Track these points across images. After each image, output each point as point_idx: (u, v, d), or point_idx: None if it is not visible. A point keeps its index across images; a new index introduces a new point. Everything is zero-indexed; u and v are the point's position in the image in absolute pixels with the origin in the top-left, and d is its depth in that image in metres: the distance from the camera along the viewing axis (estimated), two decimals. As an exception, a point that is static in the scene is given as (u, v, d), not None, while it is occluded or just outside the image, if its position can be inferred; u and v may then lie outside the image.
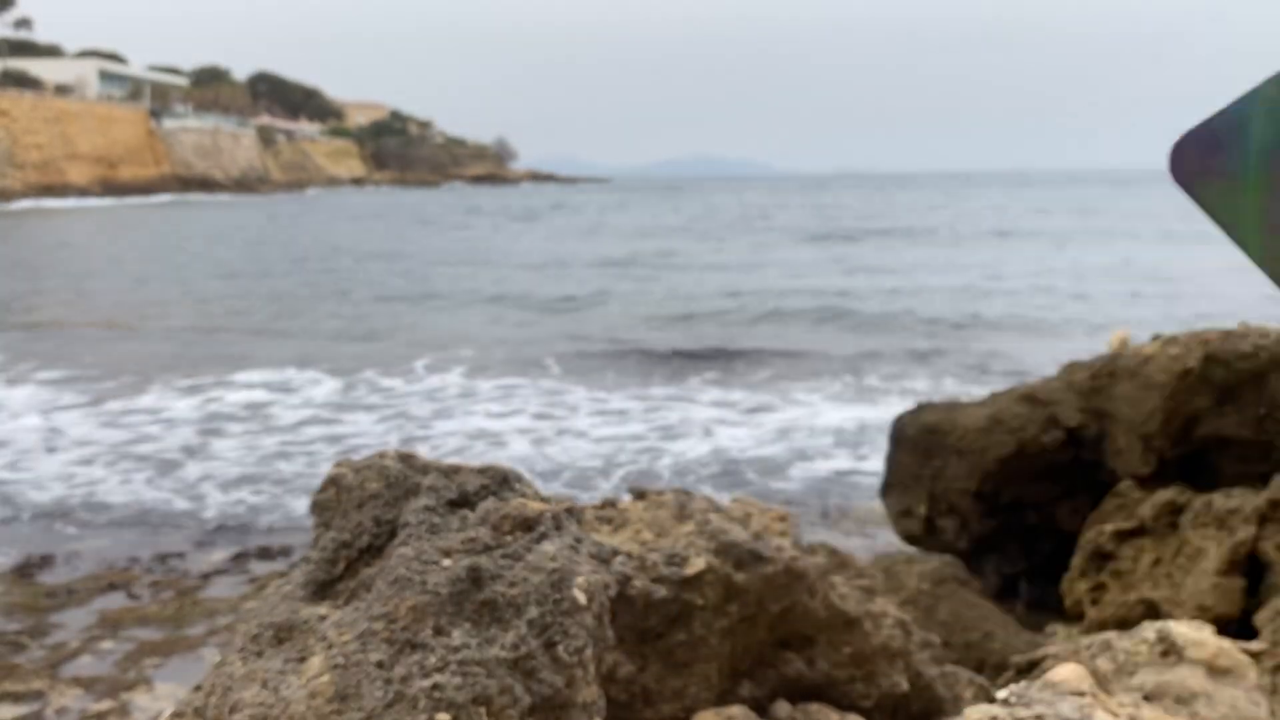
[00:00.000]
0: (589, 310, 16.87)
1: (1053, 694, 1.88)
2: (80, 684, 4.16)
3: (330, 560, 2.14)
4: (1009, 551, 4.83)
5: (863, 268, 22.91)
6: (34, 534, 6.13)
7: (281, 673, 1.93)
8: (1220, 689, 2.01)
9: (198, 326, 15.27)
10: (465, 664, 1.81)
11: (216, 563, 5.69)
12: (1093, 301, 16.91)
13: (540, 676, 1.82)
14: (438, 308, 17.46)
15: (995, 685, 2.38)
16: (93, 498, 6.89)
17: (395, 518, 2.10)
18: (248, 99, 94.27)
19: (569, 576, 1.89)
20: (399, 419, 9.21)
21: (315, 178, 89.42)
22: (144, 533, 6.17)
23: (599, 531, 2.24)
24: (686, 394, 10.11)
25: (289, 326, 15.41)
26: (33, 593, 5.17)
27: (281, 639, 2.02)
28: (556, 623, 1.85)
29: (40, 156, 62.28)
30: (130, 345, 13.36)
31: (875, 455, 6.76)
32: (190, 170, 74.06)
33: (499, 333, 14.76)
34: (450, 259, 26.53)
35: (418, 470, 2.15)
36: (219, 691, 2.00)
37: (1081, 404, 4.60)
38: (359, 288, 20.04)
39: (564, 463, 7.83)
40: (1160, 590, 3.53)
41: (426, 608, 1.86)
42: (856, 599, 2.25)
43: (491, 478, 2.11)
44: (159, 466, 7.68)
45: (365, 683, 1.83)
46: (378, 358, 12.27)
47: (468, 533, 1.96)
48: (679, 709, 2.07)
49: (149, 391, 10.26)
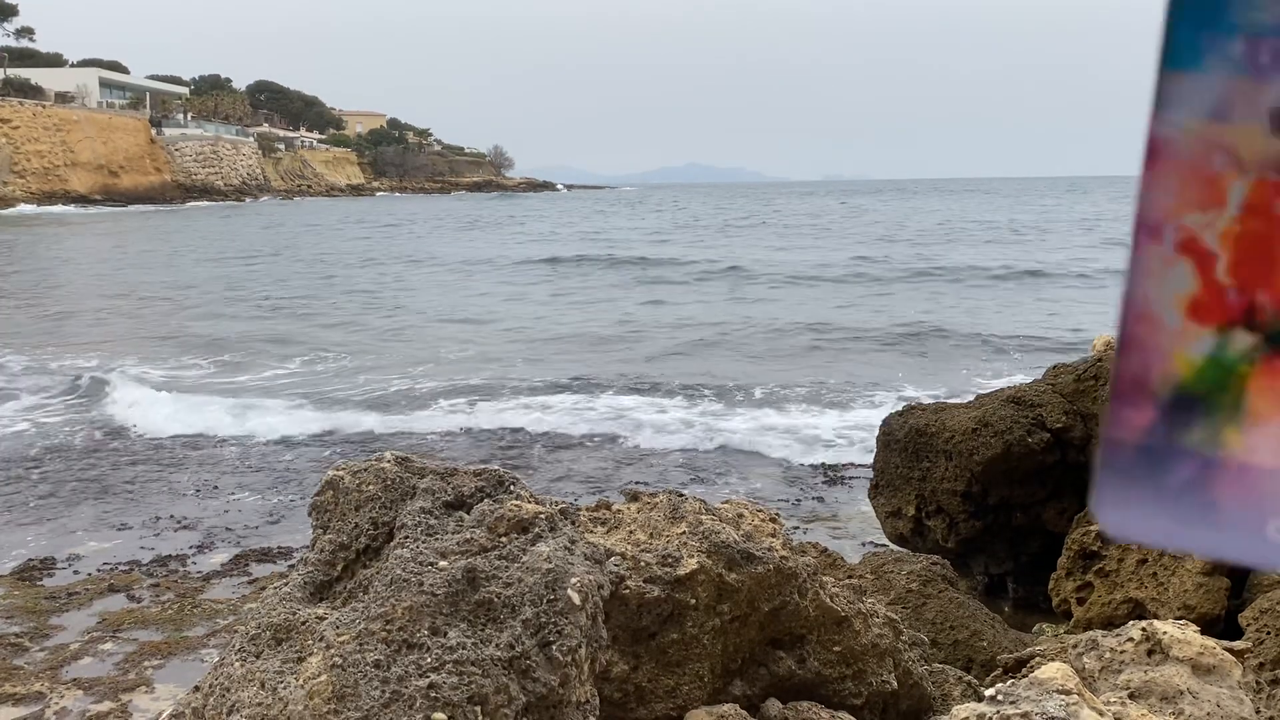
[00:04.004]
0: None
1: (1039, 692, 1.91)
2: (81, 685, 4.18)
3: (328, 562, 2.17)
4: (996, 551, 4.86)
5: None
6: (35, 536, 6.15)
7: (280, 673, 1.96)
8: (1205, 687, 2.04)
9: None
10: (461, 664, 1.84)
11: (216, 565, 5.72)
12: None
13: (535, 676, 1.85)
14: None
15: (983, 683, 2.40)
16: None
17: (392, 520, 2.13)
18: (248, 108, 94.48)
19: (563, 577, 1.92)
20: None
21: (314, 186, 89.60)
22: (144, 535, 6.20)
23: (593, 533, 2.27)
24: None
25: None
26: (34, 595, 5.19)
27: (280, 640, 2.05)
28: (551, 623, 1.88)
29: (42, 164, 62.44)
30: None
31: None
32: (191, 178, 74.24)
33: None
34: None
35: (414, 473, 2.18)
36: (218, 692, 2.03)
37: (1067, 406, 4.64)
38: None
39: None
40: (1146, 590, 3.56)
41: (423, 608, 1.89)
42: (846, 598, 2.28)
43: (487, 480, 2.14)
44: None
45: (363, 682, 1.86)
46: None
47: (464, 534, 1.99)
48: (672, 707, 2.10)
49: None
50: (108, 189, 65.74)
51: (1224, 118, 0.36)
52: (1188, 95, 0.36)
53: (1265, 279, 0.35)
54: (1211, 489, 0.35)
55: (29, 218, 50.59)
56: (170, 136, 75.01)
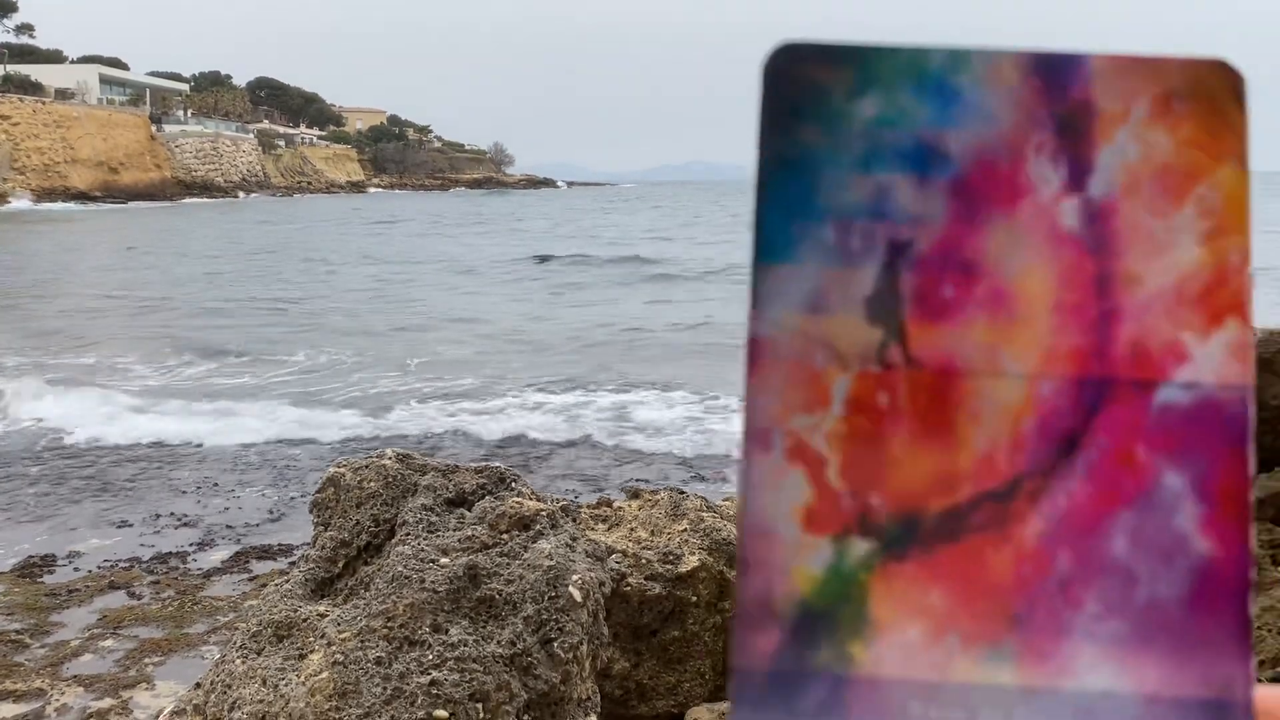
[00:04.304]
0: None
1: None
2: (81, 682, 4.18)
3: (329, 559, 2.16)
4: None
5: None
6: (35, 533, 6.16)
7: (281, 670, 1.95)
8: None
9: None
10: (463, 660, 1.84)
11: (217, 562, 5.72)
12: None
13: (536, 672, 1.85)
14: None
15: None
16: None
17: (394, 517, 2.12)
18: (248, 105, 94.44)
19: (565, 574, 1.92)
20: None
21: (314, 182, 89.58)
22: (144, 532, 6.20)
23: (594, 530, 2.27)
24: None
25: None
26: (34, 592, 5.20)
27: (281, 636, 2.05)
28: (552, 619, 1.88)
29: (42, 161, 62.42)
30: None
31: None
32: (191, 175, 74.21)
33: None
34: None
35: (416, 470, 2.18)
36: (219, 689, 2.03)
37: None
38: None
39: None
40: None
41: (425, 605, 1.89)
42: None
43: (489, 477, 2.14)
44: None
45: (364, 679, 1.85)
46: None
47: (465, 531, 1.99)
48: (673, 704, 2.10)
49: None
50: (108, 186, 65.72)
51: (821, 311, 0.34)
52: (784, 290, 0.35)
53: (876, 480, 0.34)
54: (844, 709, 0.33)
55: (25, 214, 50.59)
56: (170, 133, 75.01)
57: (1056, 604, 0.33)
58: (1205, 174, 0.35)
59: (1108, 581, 0.34)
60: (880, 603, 0.34)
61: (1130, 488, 0.34)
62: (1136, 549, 0.34)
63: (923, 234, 0.35)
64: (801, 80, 0.36)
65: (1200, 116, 0.35)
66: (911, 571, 0.34)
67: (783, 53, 0.36)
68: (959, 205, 0.35)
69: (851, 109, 0.36)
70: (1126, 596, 0.34)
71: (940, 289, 0.35)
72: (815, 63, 0.36)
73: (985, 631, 0.33)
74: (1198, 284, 0.35)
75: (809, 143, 0.35)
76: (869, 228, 0.35)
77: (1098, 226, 0.35)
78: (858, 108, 0.36)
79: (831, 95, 0.36)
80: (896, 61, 0.36)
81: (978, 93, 0.36)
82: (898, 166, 0.35)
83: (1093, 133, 0.35)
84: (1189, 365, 0.35)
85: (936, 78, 0.36)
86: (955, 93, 0.35)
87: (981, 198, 0.35)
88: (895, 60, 0.36)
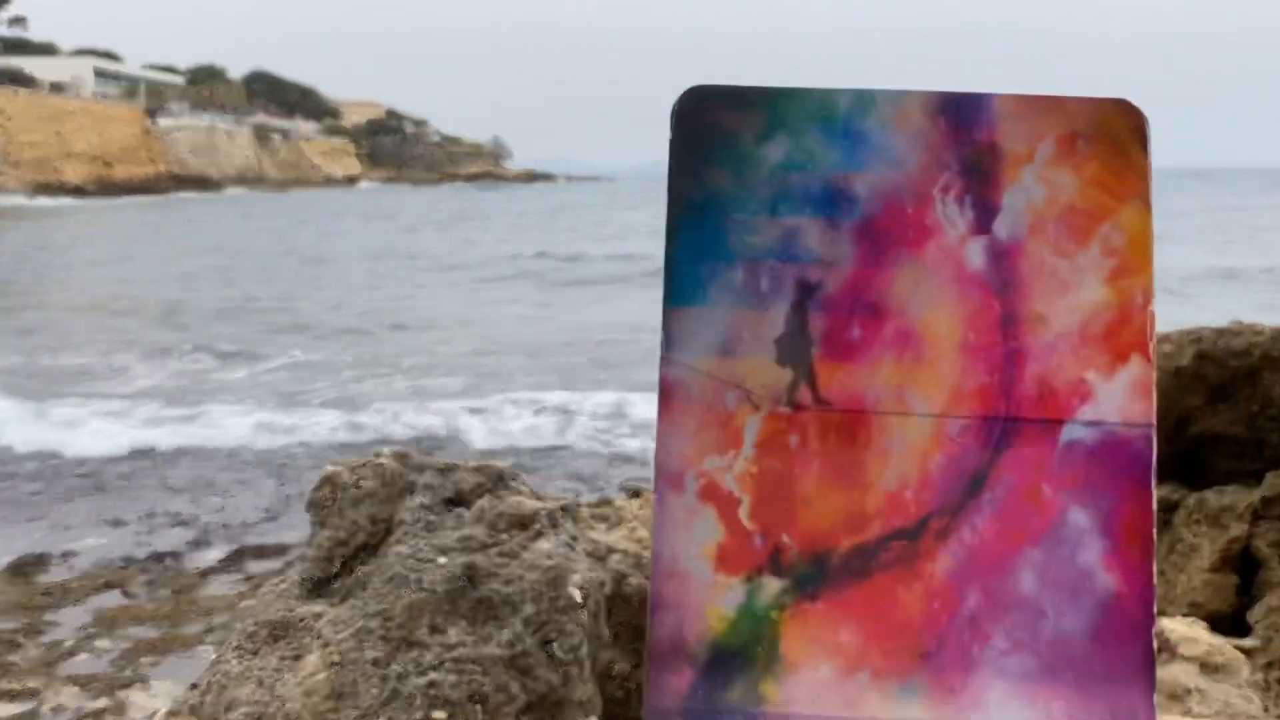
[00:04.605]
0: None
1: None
2: (76, 682, 4.16)
3: (326, 558, 2.14)
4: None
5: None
6: (28, 531, 6.13)
7: (277, 670, 1.93)
8: (1213, 686, 2.02)
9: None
10: (461, 662, 1.82)
11: (212, 561, 5.70)
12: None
13: (536, 674, 1.83)
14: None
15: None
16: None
17: (391, 516, 2.10)
18: (244, 98, 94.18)
19: (565, 574, 1.90)
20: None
21: (311, 176, 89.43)
22: (139, 531, 6.18)
23: (595, 529, 2.25)
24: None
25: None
26: (28, 591, 5.17)
27: (277, 637, 2.02)
28: (552, 620, 1.86)
29: (35, 155, 62.24)
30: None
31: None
32: (186, 169, 74.01)
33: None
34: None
35: (413, 468, 2.15)
36: (215, 689, 2.01)
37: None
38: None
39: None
40: (1154, 588, 3.55)
41: (423, 605, 1.87)
42: (851, 596, 2.27)
43: (487, 475, 2.12)
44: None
45: (361, 680, 1.83)
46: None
47: (463, 531, 1.97)
48: (674, 706, 2.09)
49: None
50: (102, 180, 65.59)
51: (732, 352, 0.35)
52: (694, 332, 0.35)
53: (787, 520, 0.34)
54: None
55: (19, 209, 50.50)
56: (165, 126, 74.84)
57: (965, 640, 0.34)
58: (1109, 214, 0.36)
59: (1015, 617, 0.34)
60: (792, 641, 0.34)
61: (1036, 525, 0.35)
62: (1043, 585, 0.35)
63: (831, 276, 0.35)
64: (711, 124, 0.36)
65: (1104, 157, 0.36)
66: (822, 610, 0.34)
67: (691, 96, 0.36)
68: (867, 247, 0.35)
69: (760, 153, 0.36)
70: (1034, 632, 0.34)
71: (849, 330, 0.35)
72: (724, 107, 0.36)
73: (895, 668, 0.34)
74: (1101, 323, 0.36)
75: (718, 186, 0.35)
76: (778, 269, 0.35)
77: (1004, 267, 0.36)
78: (766, 151, 0.36)
79: (740, 139, 0.36)
80: (804, 105, 0.36)
81: (884, 135, 0.36)
82: (806, 209, 0.35)
83: (998, 174, 0.36)
84: (1093, 404, 0.35)
85: (844, 121, 0.36)
86: (862, 136, 0.36)
87: (889, 240, 0.35)
88: (803, 103, 0.36)
